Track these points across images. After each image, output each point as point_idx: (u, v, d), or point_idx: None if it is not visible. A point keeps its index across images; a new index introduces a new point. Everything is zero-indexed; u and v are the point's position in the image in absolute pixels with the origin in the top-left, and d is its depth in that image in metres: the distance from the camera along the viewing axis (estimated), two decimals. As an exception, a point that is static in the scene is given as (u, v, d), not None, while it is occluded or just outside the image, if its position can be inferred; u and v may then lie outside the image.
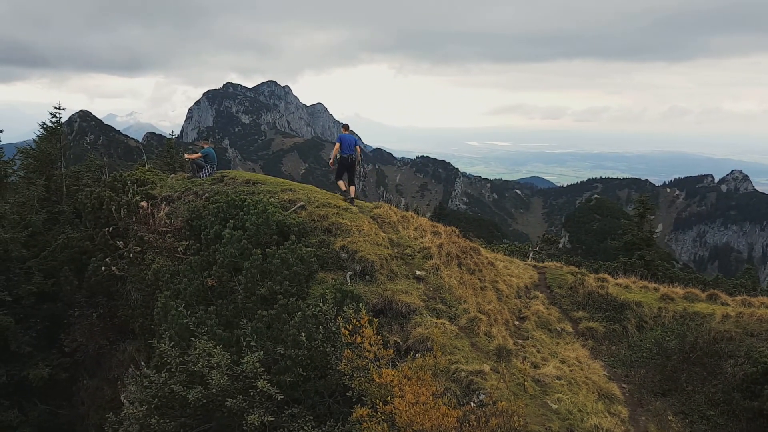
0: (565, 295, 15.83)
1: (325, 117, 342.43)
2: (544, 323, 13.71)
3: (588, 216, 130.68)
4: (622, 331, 14.04)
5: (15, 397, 14.65)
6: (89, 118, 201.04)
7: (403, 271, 12.62)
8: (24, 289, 14.69)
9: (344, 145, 17.13)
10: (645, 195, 42.77)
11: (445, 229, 15.55)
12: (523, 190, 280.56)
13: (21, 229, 15.31)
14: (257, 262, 11.26)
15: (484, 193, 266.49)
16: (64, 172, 19.19)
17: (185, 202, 16.49)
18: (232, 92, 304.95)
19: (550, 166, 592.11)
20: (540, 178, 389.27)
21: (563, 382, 10.57)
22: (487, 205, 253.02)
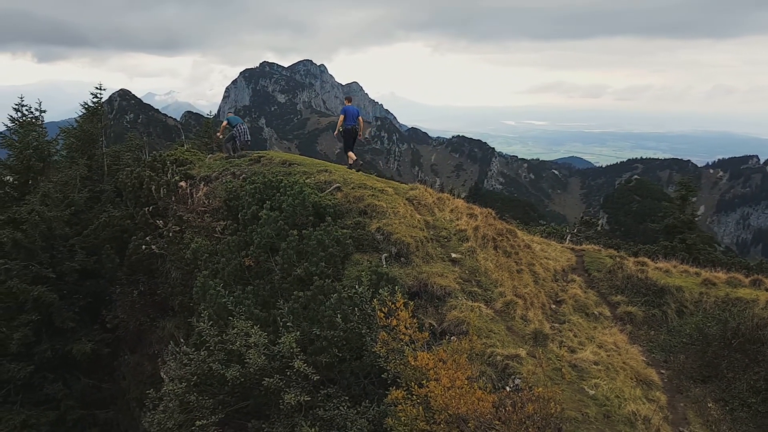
0: (603, 278, 15.59)
1: (360, 96, 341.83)
2: (581, 307, 13.53)
3: (627, 197, 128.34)
4: (661, 316, 13.78)
5: (60, 370, 15.10)
6: (129, 97, 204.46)
7: (439, 254, 12.58)
8: (67, 267, 15.06)
9: (348, 116, 18.24)
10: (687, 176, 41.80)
11: (481, 211, 15.42)
12: (561, 171, 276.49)
13: (64, 208, 15.66)
14: (294, 243, 11.34)
15: (521, 174, 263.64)
16: (105, 151, 19.54)
17: (223, 183, 16.66)
18: (269, 71, 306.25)
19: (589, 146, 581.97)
20: (578, 158, 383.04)
21: (600, 367, 10.45)
22: (524, 185, 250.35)
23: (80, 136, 18.93)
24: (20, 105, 16.91)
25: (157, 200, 16.60)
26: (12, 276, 14.10)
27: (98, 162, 18.99)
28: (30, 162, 16.10)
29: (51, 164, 17.14)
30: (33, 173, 16.36)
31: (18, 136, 16.37)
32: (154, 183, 16.69)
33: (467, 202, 16.58)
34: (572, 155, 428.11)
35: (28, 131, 16.46)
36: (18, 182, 16.33)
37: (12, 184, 16.30)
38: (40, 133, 16.80)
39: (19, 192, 16.14)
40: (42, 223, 14.91)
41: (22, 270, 14.27)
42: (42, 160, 16.50)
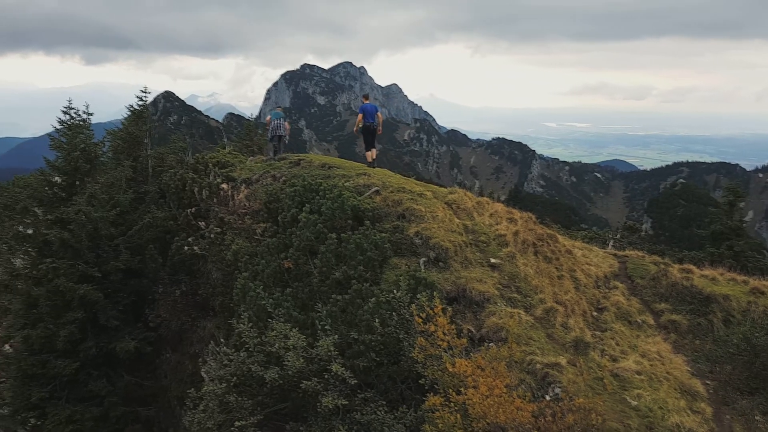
0: (646, 285, 15.24)
1: (399, 98, 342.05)
2: (623, 315, 13.26)
3: (672, 201, 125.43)
4: (707, 325, 13.40)
5: (104, 368, 15.43)
6: (173, 99, 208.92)
7: (478, 259, 12.48)
8: (112, 266, 15.39)
9: (367, 114, 19.25)
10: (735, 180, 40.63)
11: (521, 216, 15.25)
12: (604, 174, 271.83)
13: (110, 209, 16.00)
14: (332, 246, 11.39)
15: (562, 176, 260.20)
16: (149, 153, 19.92)
17: (263, 185, 16.84)
18: (309, 73, 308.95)
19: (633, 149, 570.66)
20: (621, 161, 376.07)
21: (643, 377, 10.21)
22: (565, 188, 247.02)
23: (126, 139, 19.34)
24: (68, 108, 17.34)
25: (199, 202, 16.89)
26: (59, 275, 14.48)
27: (143, 164, 19.38)
28: (78, 163, 16.51)
29: (98, 166, 17.54)
30: (80, 174, 16.77)
31: (66, 138, 16.78)
32: (196, 185, 16.98)
33: (507, 206, 16.43)
34: (615, 158, 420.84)
35: (76, 133, 16.87)
36: (66, 183, 16.75)
37: (60, 185, 16.72)
38: (87, 136, 17.20)
39: (66, 193, 16.56)
40: (88, 223, 15.28)
41: (69, 269, 14.64)
42: (89, 162, 16.90)
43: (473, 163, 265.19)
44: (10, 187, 27.31)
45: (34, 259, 15.67)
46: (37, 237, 15.71)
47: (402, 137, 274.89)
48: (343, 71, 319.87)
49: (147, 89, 20.64)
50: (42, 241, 15.50)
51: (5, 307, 17.74)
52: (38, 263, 15.02)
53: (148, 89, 20.65)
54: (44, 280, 14.77)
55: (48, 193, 16.58)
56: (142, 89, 20.50)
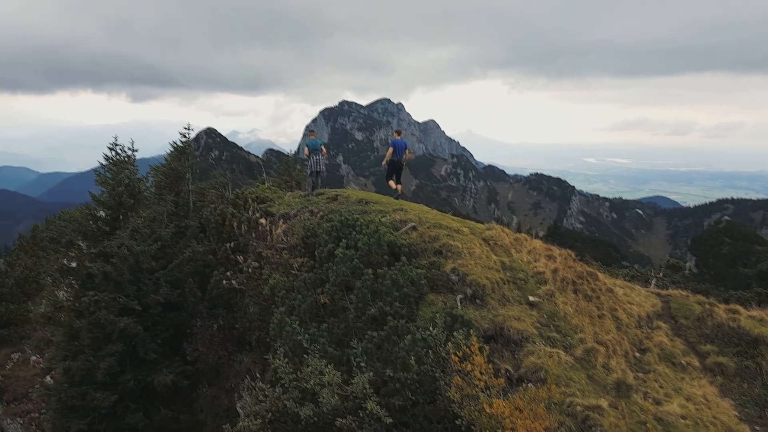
0: (691, 326, 14.76)
1: (436, 134, 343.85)
2: (667, 356, 12.83)
3: (717, 239, 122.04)
4: (755, 368, 12.86)
5: (141, 401, 15.55)
6: (214, 135, 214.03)
7: (516, 297, 12.28)
8: (152, 299, 15.63)
9: (397, 150, 19.92)
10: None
11: (560, 253, 15.01)
12: (645, 210, 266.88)
13: (151, 243, 16.33)
14: (368, 282, 11.36)
15: (602, 213, 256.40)
16: (191, 188, 20.36)
17: (301, 220, 17.00)
18: (347, 110, 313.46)
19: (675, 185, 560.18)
20: (664, 198, 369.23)
21: (688, 421, 9.81)
22: (605, 224, 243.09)
23: (168, 174, 19.83)
24: (114, 144, 17.88)
25: (238, 236, 17.11)
26: (101, 307, 14.75)
27: (184, 198, 19.80)
28: (122, 198, 16.95)
29: (141, 200, 17.97)
30: (124, 209, 17.20)
31: (111, 174, 17.28)
32: (236, 219, 17.23)
33: (545, 242, 16.21)
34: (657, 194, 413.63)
35: (121, 169, 17.36)
36: (110, 217, 17.18)
37: (104, 219, 17.17)
38: (131, 171, 17.68)
39: (110, 227, 16.98)
40: (130, 257, 15.59)
41: (110, 302, 14.92)
42: (133, 197, 17.34)
43: (511, 199, 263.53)
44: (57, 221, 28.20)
45: (77, 292, 16.02)
46: (80, 270, 16.08)
47: (439, 172, 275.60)
48: (381, 107, 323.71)
49: (190, 126, 21.20)
50: (85, 274, 15.85)
51: (48, 338, 18.13)
52: (81, 296, 15.34)
53: (190, 126, 21.21)
54: (86, 313, 15.05)
55: (92, 227, 17.02)
56: (185, 126, 21.08)
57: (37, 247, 29.00)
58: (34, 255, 28.04)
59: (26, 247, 30.06)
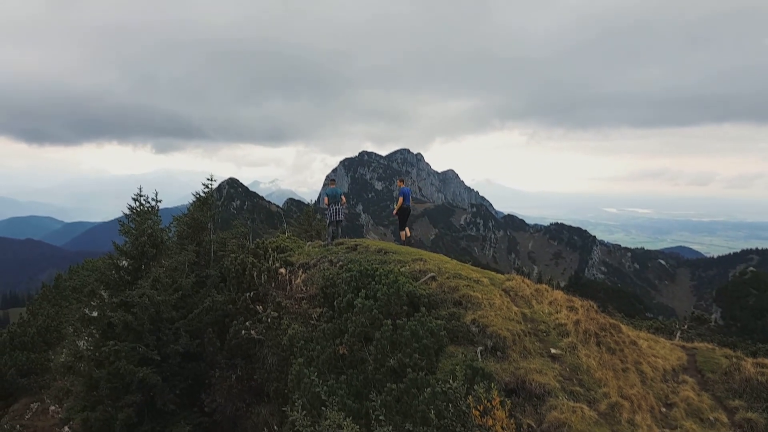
0: (718, 380, 14.35)
1: (456, 183, 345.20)
2: (694, 411, 12.45)
3: (743, 290, 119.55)
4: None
5: (158, 453, 15.40)
6: (236, 185, 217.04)
7: (537, 349, 12.09)
8: (172, 349, 15.62)
9: (406, 197, 21.38)
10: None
11: (582, 304, 14.81)
12: (668, 261, 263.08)
13: (172, 292, 16.43)
14: (387, 333, 11.27)
15: (624, 263, 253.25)
16: (212, 238, 20.56)
17: (320, 270, 17.02)
18: (367, 160, 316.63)
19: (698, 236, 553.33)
20: (687, 248, 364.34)
21: (719, 481, 9.47)
22: (628, 275, 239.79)
23: (191, 224, 20.08)
24: (138, 195, 18.20)
25: (258, 286, 17.15)
26: (121, 357, 14.76)
27: (206, 248, 19.98)
28: (144, 248, 17.16)
29: (163, 250, 18.15)
30: (146, 259, 17.38)
31: (135, 224, 17.54)
32: (256, 269, 17.30)
33: (567, 292, 16.03)
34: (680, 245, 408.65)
35: (144, 219, 17.62)
36: (132, 267, 17.36)
37: (126, 268, 17.34)
38: (155, 221, 17.93)
39: (132, 276, 17.14)
40: (151, 307, 15.67)
41: (130, 352, 14.94)
42: (155, 247, 17.54)
43: (531, 249, 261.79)
44: (80, 270, 28.51)
45: (98, 341, 16.07)
46: (101, 319, 16.17)
47: (458, 222, 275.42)
48: (401, 157, 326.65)
49: (213, 177, 21.56)
50: (106, 324, 15.93)
51: (67, 388, 18.11)
52: (101, 345, 15.38)
53: (213, 177, 21.57)
54: (106, 363, 15.06)
55: (114, 276, 17.18)
56: (208, 177, 21.44)
57: (60, 297, 29.25)
58: (57, 304, 28.27)
59: (49, 296, 30.32)
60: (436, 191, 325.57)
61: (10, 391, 22.67)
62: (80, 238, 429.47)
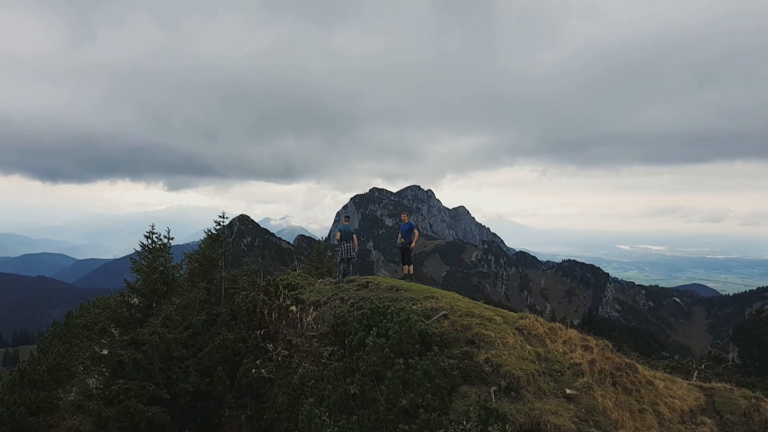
0: (737, 422, 14.00)
1: (466, 220, 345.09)
2: (714, 454, 12.16)
3: (760, 329, 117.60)
4: (810, 470, 12.09)
5: (166, 495, 15.11)
6: (247, 222, 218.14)
7: (552, 389, 11.89)
8: (181, 388, 15.46)
9: (403, 233, 21.64)
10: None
11: (597, 343, 14.59)
12: (683, 298, 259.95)
13: (183, 330, 16.35)
14: (399, 372, 11.13)
15: (639, 301, 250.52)
16: (223, 275, 20.55)
17: (331, 307, 16.94)
18: (377, 196, 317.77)
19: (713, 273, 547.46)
20: (702, 286, 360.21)
21: None
22: (642, 313, 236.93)
23: (202, 261, 20.09)
24: (151, 232, 18.27)
25: (268, 324, 17.05)
26: (130, 396, 14.62)
27: (217, 285, 19.95)
28: (155, 286, 17.15)
29: (174, 288, 18.14)
30: (157, 296, 17.36)
31: (147, 261, 17.57)
32: (266, 307, 17.22)
33: (581, 331, 15.81)
34: (694, 282, 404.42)
35: (156, 257, 17.65)
36: (143, 305, 17.33)
37: (137, 306, 17.31)
38: (166, 259, 17.95)
39: (143, 314, 17.10)
40: (162, 345, 15.58)
41: (139, 390, 14.79)
42: (167, 284, 17.53)
43: (543, 286, 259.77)
44: (91, 307, 28.48)
45: (107, 380, 15.95)
46: (111, 358, 16.08)
47: (470, 258, 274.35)
48: (411, 194, 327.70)
49: (224, 214, 21.66)
50: (116, 362, 15.83)
51: (76, 427, 17.91)
52: (111, 384, 15.25)
53: (225, 214, 21.67)
54: (115, 401, 14.92)
55: (125, 314, 17.15)
56: (219, 214, 21.54)
57: (70, 334, 29.17)
58: (67, 342, 28.19)
59: (59, 333, 30.23)
60: (447, 228, 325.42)
61: (19, 430, 22.47)
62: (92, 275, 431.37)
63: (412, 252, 21.84)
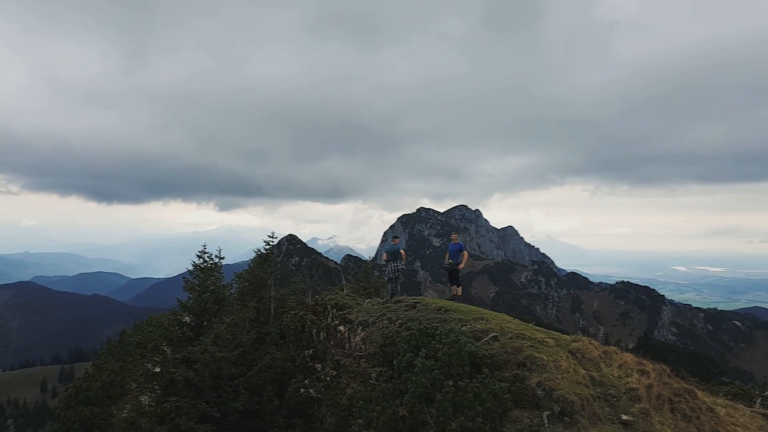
0: (805, 452, 13.27)
1: (515, 240, 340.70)
2: (782, 487, 11.51)
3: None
4: None
5: None
6: (295, 242, 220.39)
7: (607, 414, 11.48)
8: (231, 407, 15.56)
9: (451, 254, 21.56)
10: None
11: (654, 368, 14.05)
12: (744, 322, 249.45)
13: (233, 349, 16.50)
14: (449, 394, 10.94)
15: (696, 324, 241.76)
16: (272, 295, 20.71)
17: (379, 328, 16.83)
18: (425, 216, 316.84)
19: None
20: (764, 309, 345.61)
21: None
22: (701, 337, 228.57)
23: (251, 280, 20.32)
24: (203, 252, 18.58)
25: (317, 343, 17.06)
26: (182, 414, 14.78)
27: (266, 305, 20.12)
28: (207, 305, 17.40)
29: (225, 306, 18.36)
30: (208, 315, 17.60)
31: (198, 281, 17.85)
32: (315, 326, 17.26)
33: (636, 355, 15.28)
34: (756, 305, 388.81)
35: (207, 276, 17.93)
36: (194, 323, 17.58)
37: (189, 324, 17.57)
38: (217, 278, 18.22)
39: (194, 332, 17.34)
40: (212, 363, 15.74)
41: (191, 408, 14.95)
42: (217, 303, 17.77)
43: (596, 308, 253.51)
44: (144, 326, 29.10)
45: (159, 397, 16.18)
46: (164, 375, 16.32)
47: (519, 279, 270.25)
48: (459, 214, 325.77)
49: (274, 234, 21.89)
50: (168, 380, 16.06)
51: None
52: (163, 401, 15.46)
53: (275, 234, 21.90)
54: (167, 419, 15.10)
55: (177, 332, 17.42)
56: (269, 234, 21.79)
57: (124, 352, 29.83)
58: (121, 359, 28.82)
59: (113, 351, 30.95)
60: (495, 248, 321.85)
61: (74, 445, 22.99)
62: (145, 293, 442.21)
63: (460, 273, 21.58)
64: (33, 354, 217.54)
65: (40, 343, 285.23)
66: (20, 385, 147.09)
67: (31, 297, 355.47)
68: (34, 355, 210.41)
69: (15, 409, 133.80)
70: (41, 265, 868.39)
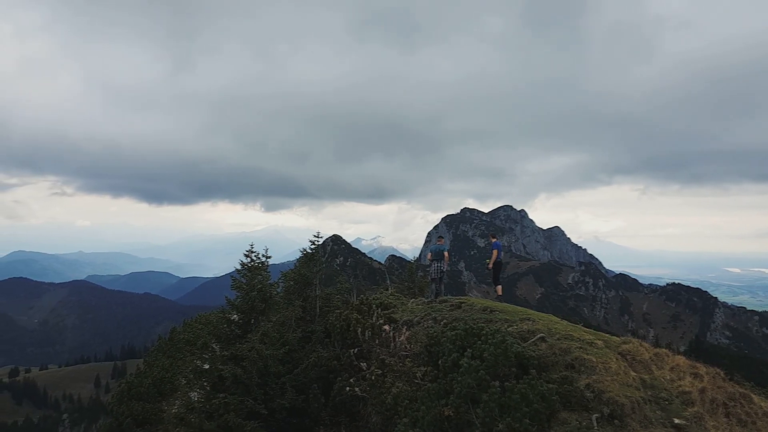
0: None
1: (562, 240, 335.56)
2: None
3: None
4: None
5: None
6: (340, 242, 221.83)
7: (659, 418, 11.20)
8: (278, 404, 15.75)
9: (500, 251, 21.88)
10: None
11: (707, 371, 13.65)
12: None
13: (279, 347, 16.71)
14: (496, 395, 10.85)
15: (751, 327, 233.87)
16: (318, 294, 20.88)
17: (424, 327, 16.80)
18: (469, 216, 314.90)
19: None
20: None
21: None
22: (756, 340, 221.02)
23: (297, 279, 20.53)
24: (250, 251, 18.86)
25: (362, 342, 17.13)
26: (230, 410, 15.03)
27: (311, 304, 20.30)
28: (254, 303, 17.67)
29: (271, 305, 18.60)
30: (256, 313, 17.86)
31: (246, 279, 18.14)
32: (360, 325, 17.34)
33: (688, 358, 14.88)
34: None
35: (254, 275, 18.20)
36: (242, 321, 17.87)
37: (237, 322, 17.87)
38: (264, 277, 18.48)
39: (242, 330, 17.63)
40: (260, 361, 15.97)
41: (238, 405, 15.18)
42: (264, 302, 18.02)
43: (646, 310, 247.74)
44: (193, 323, 29.72)
45: (208, 394, 16.49)
46: (212, 372, 16.63)
47: (566, 281, 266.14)
48: (504, 214, 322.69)
49: (319, 234, 22.07)
50: (217, 377, 16.36)
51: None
52: (211, 398, 15.75)
53: (320, 234, 22.08)
54: (215, 415, 15.37)
55: (225, 330, 17.73)
56: (315, 234, 21.95)
57: (174, 349, 30.49)
58: (171, 356, 29.46)
59: (164, 348, 31.66)
60: (541, 249, 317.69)
61: (126, 439, 23.61)
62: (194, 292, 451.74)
63: (500, 272, 21.90)
64: (87, 351, 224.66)
65: (94, 340, 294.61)
66: (75, 381, 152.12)
67: (85, 295, 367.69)
68: (88, 351, 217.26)
69: (70, 404, 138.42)
70: (95, 265, 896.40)
